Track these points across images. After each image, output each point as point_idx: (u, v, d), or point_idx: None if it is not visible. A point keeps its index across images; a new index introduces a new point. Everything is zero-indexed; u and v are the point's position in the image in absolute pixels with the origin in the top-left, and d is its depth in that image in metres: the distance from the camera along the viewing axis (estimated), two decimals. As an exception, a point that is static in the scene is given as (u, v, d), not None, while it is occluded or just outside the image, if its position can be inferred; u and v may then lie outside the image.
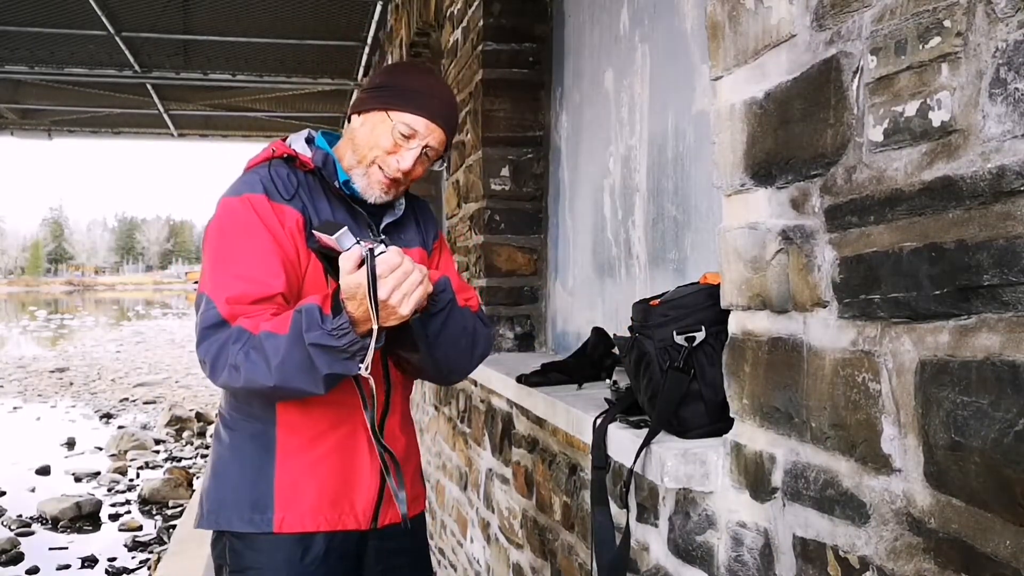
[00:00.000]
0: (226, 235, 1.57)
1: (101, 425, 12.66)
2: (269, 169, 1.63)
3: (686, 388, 1.42)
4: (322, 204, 1.65)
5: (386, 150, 1.62)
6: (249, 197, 1.58)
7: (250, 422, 1.64)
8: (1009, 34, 0.78)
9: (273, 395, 1.52)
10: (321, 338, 1.39)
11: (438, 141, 1.65)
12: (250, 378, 1.45)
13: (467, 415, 3.37)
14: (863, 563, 0.99)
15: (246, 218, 1.56)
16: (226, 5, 5.86)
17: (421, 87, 1.65)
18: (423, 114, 1.62)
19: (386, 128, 1.62)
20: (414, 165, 1.63)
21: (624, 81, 2.51)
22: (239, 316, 1.49)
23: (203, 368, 1.53)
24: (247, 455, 1.64)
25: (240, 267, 1.53)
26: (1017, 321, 0.78)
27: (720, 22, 1.29)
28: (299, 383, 1.44)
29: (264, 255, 1.54)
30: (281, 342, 1.42)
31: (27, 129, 9.98)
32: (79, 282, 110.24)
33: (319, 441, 1.63)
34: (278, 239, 1.56)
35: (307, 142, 1.71)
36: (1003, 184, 0.78)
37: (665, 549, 1.47)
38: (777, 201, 1.16)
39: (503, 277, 3.23)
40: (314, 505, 1.62)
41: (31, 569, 6.27)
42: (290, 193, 1.61)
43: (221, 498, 1.65)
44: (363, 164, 1.64)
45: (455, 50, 3.71)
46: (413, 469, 1.81)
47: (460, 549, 3.52)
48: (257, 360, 1.44)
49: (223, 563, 1.68)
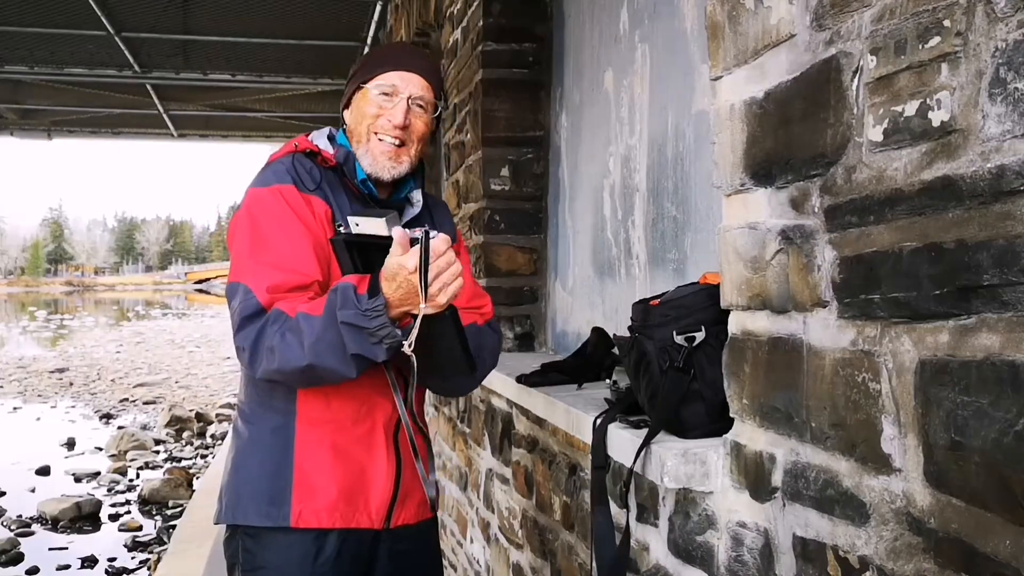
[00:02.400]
0: (259, 225, 1.58)
1: (101, 425, 12.66)
2: (294, 161, 1.65)
3: (686, 388, 1.42)
4: (343, 200, 1.66)
5: (375, 115, 1.64)
6: (279, 188, 1.59)
7: (270, 415, 1.64)
8: (1009, 34, 0.78)
9: (307, 377, 1.50)
10: (353, 317, 1.38)
11: (421, 87, 1.66)
12: (285, 358, 1.45)
13: (467, 415, 3.37)
14: (863, 563, 0.99)
15: (278, 208, 1.57)
16: (226, 5, 5.86)
17: (386, 52, 1.71)
18: (394, 68, 1.65)
19: (367, 99, 1.65)
20: (406, 118, 1.63)
21: (624, 81, 2.51)
22: (277, 303, 1.50)
23: (240, 356, 1.53)
24: (266, 448, 1.64)
25: (276, 256, 1.54)
26: (1017, 321, 0.78)
27: (720, 22, 1.29)
28: (331, 362, 1.43)
29: (299, 244, 1.55)
30: (316, 322, 1.42)
31: (27, 129, 9.99)
32: (79, 282, 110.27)
33: (339, 436, 1.63)
34: (310, 228, 1.57)
35: (329, 139, 1.72)
36: (1003, 184, 0.78)
37: (665, 549, 1.47)
38: (777, 201, 1.16)
39: (503, 277, 3.23)
40: (331, 501, 1.61)
41: (31, 569, 6.27)
42: (315, 184, 1.63)
43: (239, 491, 1.65)
44: (362, 142, 1.66)
45: (455, 50, 3.71)
46: (428, 470, 1.80)
47: (460, 549, 3.52)
48: (292, 340, 1.44)
49: (236, 562, 1.67)
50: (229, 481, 1.68)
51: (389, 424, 1.66)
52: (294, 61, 7.20)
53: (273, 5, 5.86)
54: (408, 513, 1.70)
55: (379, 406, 1.64)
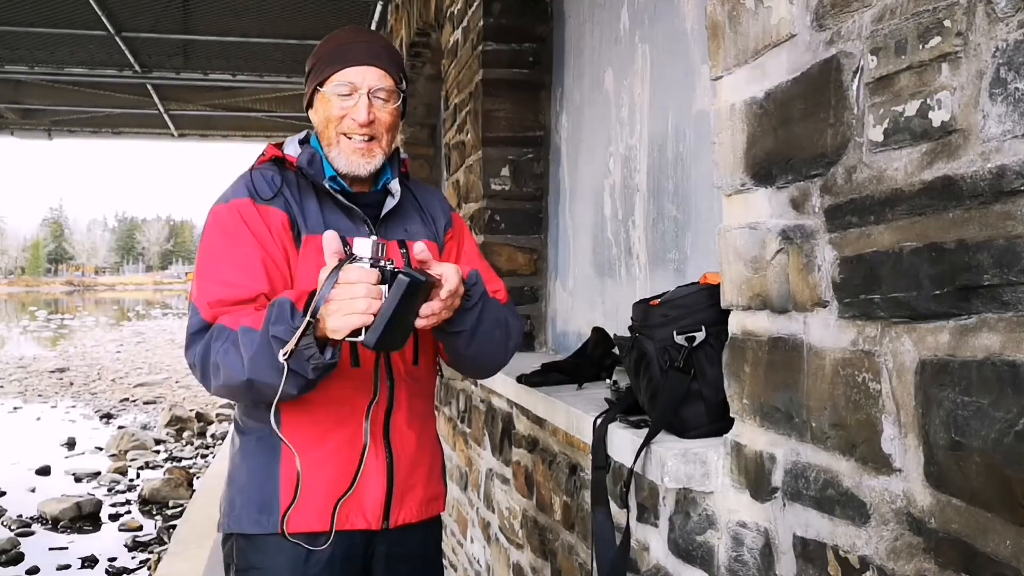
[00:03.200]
0: (211, 242, 1.60)
1: (101, 425, 12.66)
2: (253, 173, 1.65)
3: (686, 388, 1.42)
4: (311, 204, 1.64)
5: (339, 117, 1.62)
6: (236, 203, 1.60)
7: (257, 425, 1.64)
8: (1009, 34, 0.78)
9: (250, 393, 1.50)
10: (283, 333, 1.38)
11: (378, 78, 1.63)
12: (229, 374, 1.45)
13: (467, 415, 3.37)
14: (863, 563, 0.99)
15: (231, 224, 1.58)
16: (226, 5, 5.86)
17: (335, 47, 1.66)
18: (346, 65, 1.62)
19: (327, 101, 1.64)
20: (370, 113, 1.61)
21: (624, 81, 2.51)
22: (220, 317, 1.50)
23: (194, 373, 1.54)
24: (255, 458, 1.65)
25: (222, 272, 1.55)
26: (1017, 321, 0.78)
27: (720, 22, 1.29)
28: (269, 378, 1.41)
29: (245, 259, 1.55)
30: (256, 336, 1.42)
31: (27, 129, 10.00)
32: (79, 282, 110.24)
33: (324, 440, 1.62)
34: (262, 241, 1.57)
35: (302, 142, 1.71)
36: (1003, 184, 0.78)
37: (665, 549, 1.47)
38: (777, 201, 1.16)
39: (503, 277, 3.22)
40: (321, 505, 1.61)
41: (31, 569, 6.27)
42: (272, 193, 1.62)
43: (233, 501, 1.67)
44: (332, 144, 1.64)
45: (455, 50, 3.71)
46: (427, 468, 1.75)
47: (460, 549, 3.52)
48: (233, 355, 1.44)
49: (231, 562, 1.69)
50: (226, 491, 1.71)
51: (377, 423, 1.64)
52: (294, 61, 7.19)
53: (273, 5, 5.86)
54: (409, 511, 1.69)
55: (364, 406, 1.62)
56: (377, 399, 1.63)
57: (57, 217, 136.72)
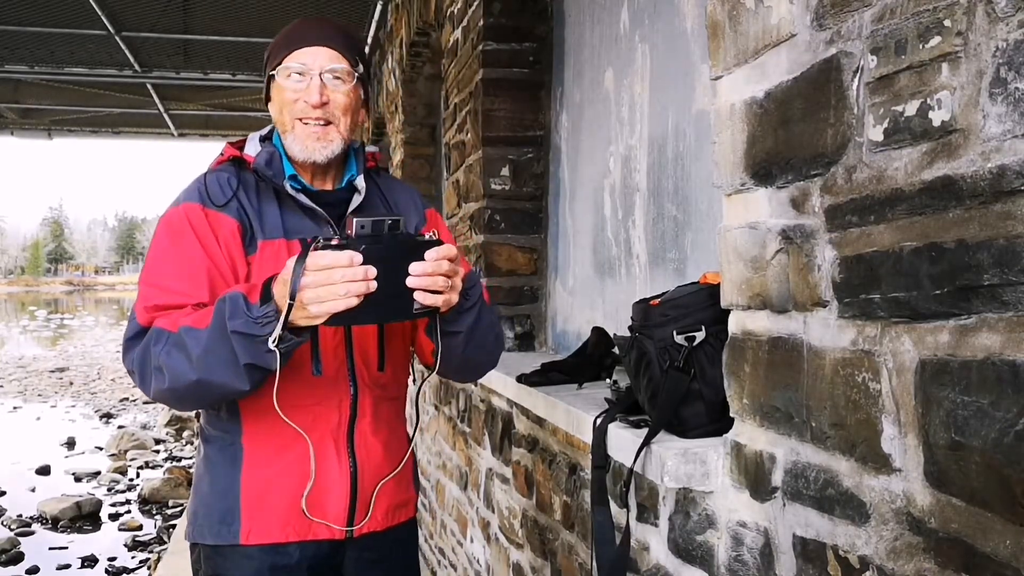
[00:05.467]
0: (157, 247, 1.55)
1: (101, 425, 12.65)
2: (207, 176, 1.60)
3: (686, 388, 1.42)
4: (270, 207, 1.59)
5: (292, 100, 1.57)
6: (186, 207, 1.55)
7: (220, 434, 1.61)
8: (1009, 34, 0.78)
9: (197, 394, 1.44)
10: (244, 326, 1.33)
11: (331, 58, 1.57)
12: (174, 375, 1.40)
13: (467, 414, 3.37)
14: (863, 563, 0.99)
15: (178, 229, 1.53)
16: (226, 5, 5.86)
17: (288, 32, 1.61)
18: (298, 46, 1.57)
19: (280, 89, 1.59)
20: (323, 94, 1.55)
21: (624, 81, 2.51)
22: (155, 320, 1.46)
23: (133, 379, 1.50)
24: (217, 468, 1.61)
25: (164, 279, 1.51)
26: (1017, 321, 0.78)
27: (720, 22, 1.29)
28: (221, 376, 1.38)
29: (186, 265, 1.50)
30: (203, 334, 1.37)
31: (27, 129, 10.00)
32: (79, 282, 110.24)
33: (285, 450, 1.57)
34: (207, 248, 1.52)
35: (263, 139, 1.65)
36: (1003, 184, 0.78)
37: (665, 549, 1.47)
38: (777, 201, 1.16)
39: (503, 277, 3.23)
40: (282, 515, 1.58)
41: (31, 569, 6.27)
42: (226, 199, 1.56)
43: (196, 511, 1.64)
44: (288, 131, 1.59)
45: (455, 50, 3.71)
46: (395, 476, 1.68)
47: (460, 549, 3.52)
48: (178, 356, 1.39)
49: (198, 568, 1.68)
50: (190, 501, 1.68)
51: (340, 430, 1.60)
52: (294, 61, 7.20)
53: (273, 5, 5.86)
54: (375, 520, 1.64)
55: (327, 413, 1.58)
56: (340, 408, 1.59)
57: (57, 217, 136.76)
